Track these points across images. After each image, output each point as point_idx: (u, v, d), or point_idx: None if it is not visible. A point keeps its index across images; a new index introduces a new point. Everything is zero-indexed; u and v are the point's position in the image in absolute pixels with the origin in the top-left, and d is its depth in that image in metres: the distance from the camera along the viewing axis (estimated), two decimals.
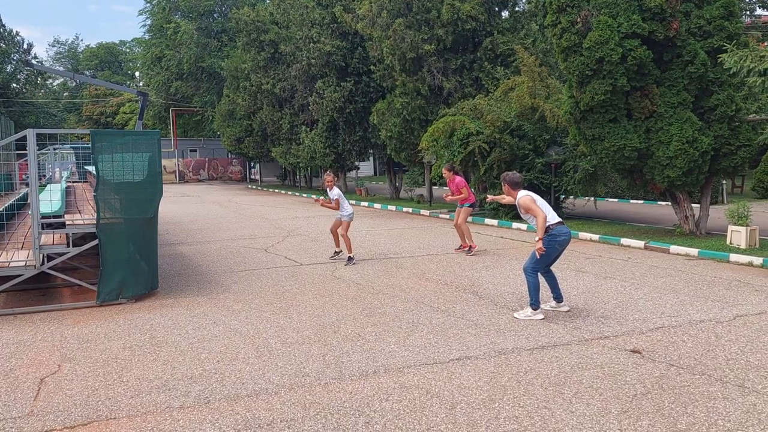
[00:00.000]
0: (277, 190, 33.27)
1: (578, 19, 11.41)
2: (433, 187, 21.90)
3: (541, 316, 6.44)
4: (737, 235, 10.73)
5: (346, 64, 22.68)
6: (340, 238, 10.34)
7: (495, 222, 15.22)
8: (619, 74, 11.21)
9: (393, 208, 20.18)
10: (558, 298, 6.78)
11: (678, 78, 11.57)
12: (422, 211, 18.48)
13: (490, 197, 8.08)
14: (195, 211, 20.36)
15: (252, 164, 45.38)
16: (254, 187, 37.97)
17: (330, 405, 4.32)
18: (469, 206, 10.92)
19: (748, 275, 8.60)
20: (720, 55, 9.82)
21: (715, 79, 11.61)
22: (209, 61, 39.88)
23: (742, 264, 9.48)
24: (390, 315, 6.71)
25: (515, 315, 6.57)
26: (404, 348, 5.54)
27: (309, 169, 30.75)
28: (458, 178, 11.03)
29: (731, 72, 9.64)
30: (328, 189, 10.55)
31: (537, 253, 6.40)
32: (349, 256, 10.01)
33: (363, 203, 22.38)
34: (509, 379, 4.72)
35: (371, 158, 39.45)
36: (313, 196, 26.24)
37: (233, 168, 47.54)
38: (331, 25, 22.84)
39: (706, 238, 11.68)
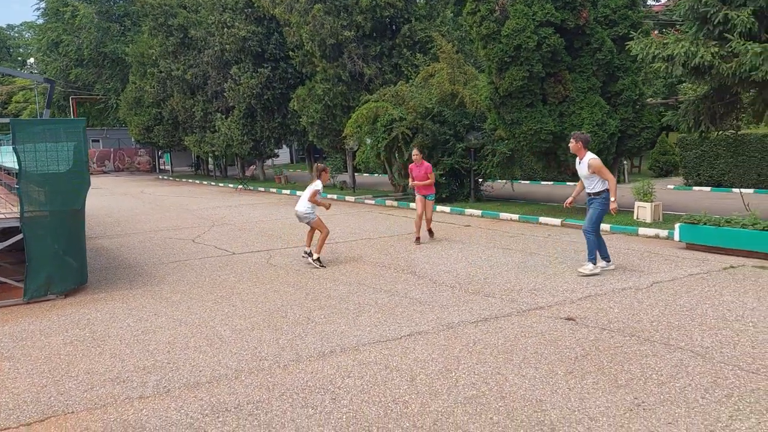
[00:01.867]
0: (191, 180, 32.30)
1: (496, 8, 11.87)
2: (356, 173, 22.02)
3: (599, 271, 7.52)
4: (643, 211, 11.60)
5: (262, 49, 22.33)
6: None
7: (447, 209, 15.55)
8: (535, 61, 11.79)
9: None
10: (607, 258, 7.74)
11: (588, 64, 12.32)
12: (347, 198, 18.60)
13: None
14: (107, 203, 19.47)
15: (160, 154, 43.73)
16: (165, 177, 36.65)
17: (294, 385, 4.41)
18: (433, 199, 10.46)
19: (657, 246, 9.37)
20: (627, 43, 10.53)
21: (621, 65, 12.46)
22: (112, 47, 37.92)
23: (650, 237, 10.29)
24: (335, 298, 6.83)
25: (580, 270, 7.55)
26: (355, 328, 5.69)
27: (224, 157, 30.05)
28: (427, 164, 10.42)
29: (638, 58, 10.35)
30: (318, 181, 8.88)
31: (612, 211, 7.63)
32: (317, 257, 8.70)
33: (285, 191, 22.21)
34: (461, 350, 4.98)
35: (288, 146, 39.05)
36: (240, 185, 25.76)
37: (141, 158, 45.58)
38: (246, 10, 22.39)
39: (615, 214, 12.52)
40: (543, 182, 22.17)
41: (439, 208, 14.92)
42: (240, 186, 25.50)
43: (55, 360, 5.11)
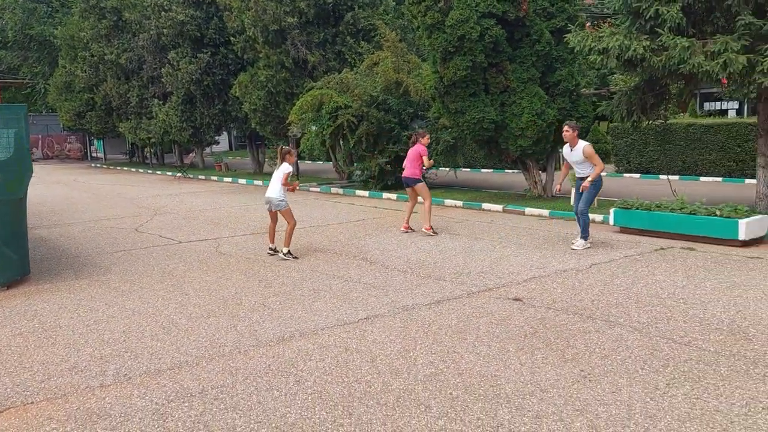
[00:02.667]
0: (125, 168, 31.33)
1: None
2: (301, 161, 21.93)
3: (589, 245, 8.38)
4: None
5: (201, 34, 21.82)
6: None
7: (366, 193, 15.73)
8: (478, 51, 12.07)
9: (260, 182, 19.99)
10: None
11: (527, 55, 12.71)
12: None
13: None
14: (39, 192, 18.69)
15: (91, 141, 42.11)
16: (98, 165, 35.39)
17: (256, 369, 4.49)
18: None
19: (593, 230, 9.83)
20: (565, 36, 10.94)
21: (558, 56, 12.91)
22: (39, 29, 36.06)
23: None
24: (289, 285, 6.90)
25: (573, 247, 8.31)
26: (312, 313, 5.80)
27: (161, 145, 29.25)
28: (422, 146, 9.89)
29: (575, 51, 10.79)
30: (285, 164, 8.39)
31: (582, 190, 8.27)
32: (288, 251, 8.30)
33: (226, 179, 21.90)
34: (417, 331, 5.18)
35: (227, 133, 38.37)
36: (179, 173, 25.15)
37: (71, 145, 43.79)
38: None
39: (552, 200, 13.06)
40: (483, 170, 22.71)
41: (385, 195, 15.11)
42: (179, 174, 24.93)
43: (6, 352, 5.00)
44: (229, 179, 21.73)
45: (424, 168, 10.15)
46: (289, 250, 8.31)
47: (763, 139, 10.29)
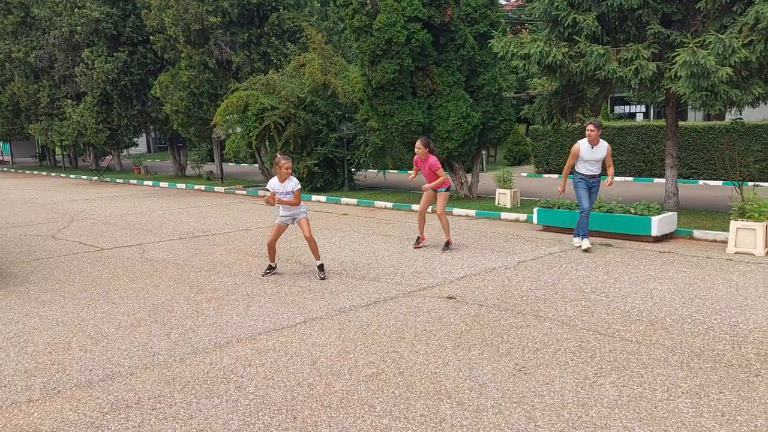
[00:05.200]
0: (35, 172, 29.66)
1: (368, 1, 12.16)
2: (225, 163, 21.49)
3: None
4: (504, 197, 12.56)
5: (118, 32, 20.98)
6: (306, 243, 7.61)
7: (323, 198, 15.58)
8: (405, 55, 12.25)
9: (183, 186, 19.45)
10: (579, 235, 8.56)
11: (452, 60, 13.01)
12: (216, 188, 18.14)
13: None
14: None
15: None
16: (5, 169, 33.30)
17: (194, 377, 4.40)
18: (446, 190, 8.79)
19: (518, 229, 10.23)
20: (489, 41, 11.29)
21: (482, 61, 13.29)
22: None
23: (511, 220, 11.19)
24: (222, 290, 6.78)
25: (582, 246, 8.33)
26: (248, 318, 5.73)
27: (74, 147, 27.85)
28: (432, 158, 8.57)
29: (499, 56, 11.15)
30: (279, 177, 7.21)
31: (609, 184, 8.40)
32: (320, 264, 7.26)
33: (147, 182, 21.15)
34: (356, 333, 5.22)
35: (145, 135, 37.02)
36: (95, 177, 24.01)
37: None
38: None
39: (478, 200, 13.44)
40: (410, 171, 23.03)
41: (314, 197, 15.06)
42: (95, 177, 23.86)
43: None
44: (150, 182, 20.99)
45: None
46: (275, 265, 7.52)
47: (671, 140, 11.00)
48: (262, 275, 7.37)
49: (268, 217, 12.39)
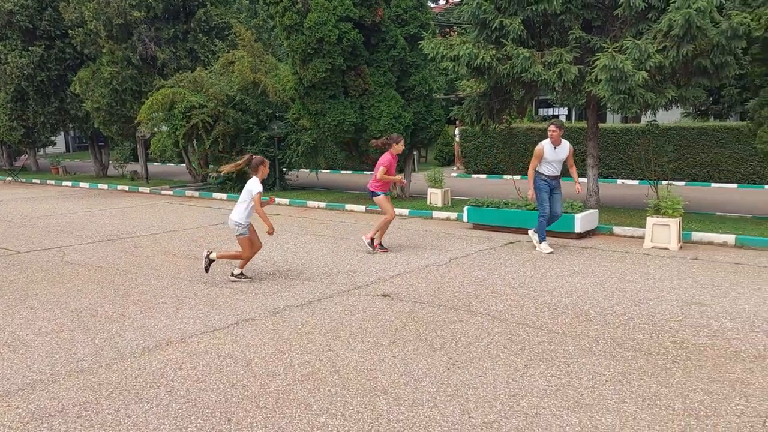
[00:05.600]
0: None
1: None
2: (150, 163, 20.78)
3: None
4: (435, 196, 12.76)
5: (33, 26, 19.85)
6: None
7: (224, 196, 15.30)
8: (336, 54, 12.24)
9: (105, 186, 18.68)
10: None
11: (384, 60, 13.10)
12: (141, 189, 17.52)
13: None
14: None
15: None
16: None
17: (122, 383, 4.24)
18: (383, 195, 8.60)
19: (449, 228, 10.42)
20: (420, 42, 11.44)
21: (413, 62, 13.44)
22: None
23: (442, 219, 11.38)
24: (149, 293, 6.56)
25: (543, 249, 8.19)
26: (178, 321, 5.57)
27: None
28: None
29: (429, 57, 11.32)
30: (256, 179, 6.93)
31: (579, 191, 8.66)
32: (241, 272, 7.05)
33: (66, 183, 20.17)
34: (290, 333, 5.17)
35: (64, 133, 35.28)
36: (9, 177, 22.66)
37: None
38: None
39: (411, 200, 13.59)
40: (343, 171, 23.01)
41: None
42: (9, 178, 22.55)
43: None
44: (69, 183, 20.03)
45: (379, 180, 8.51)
46: (241, 272, 7.02)
47: (592, 141, 11.50)
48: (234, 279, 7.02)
49: (197, 218, 12.09)
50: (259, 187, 6.84)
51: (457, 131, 22.33)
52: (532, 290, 6.36)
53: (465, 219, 10.46)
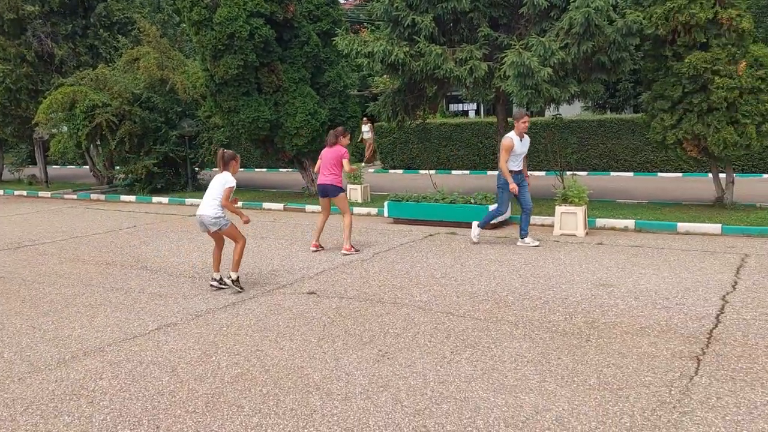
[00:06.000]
0: None
1: None
2: (50, 166, 19.60)
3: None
4: (355, 192, 12.85)
5: None
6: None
7: (133, 198, 14.68)
8: (248, 50, 12.03)
9: (0, 192, 17.44)
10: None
11: (297, 56, 13.01)
12: (41, 194, 16.50)
13: None
14: None
15: None
16: None
17: (38, 397, 4.02)
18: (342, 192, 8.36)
19: (370, 223, 10.53)
20: (333, 38, 11.46)
21: (326, 58, 13.44)
22: None
23: (363, 215, 11.48)
24: (60, 302, 6.23)
25: (528, 242, 8.12)
26: (94, 330, 5.33)
27: None
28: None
29: (343, 53, 11.35)
30: (228, 173, 6.43)
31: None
32: (237, 278, 6.48)
33: None
34: (216, 335, 5.08)
35: None
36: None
37: None
38: None
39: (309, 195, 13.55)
40: (258, 169, 22.64)
41: (155, 199, 14.28)
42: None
43: None
44: None
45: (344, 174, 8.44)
46: (237, 278, 6.42)
47: (501, 136, 11.92)
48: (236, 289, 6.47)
49: (105, 222, 11.55)
50: (233, 182, 6.34)
51: (365, 128, 22.50)
52: (454, 280, 6.56)
53: (386, 214, 10.60)
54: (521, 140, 8.20)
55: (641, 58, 10.44)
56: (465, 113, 29.42)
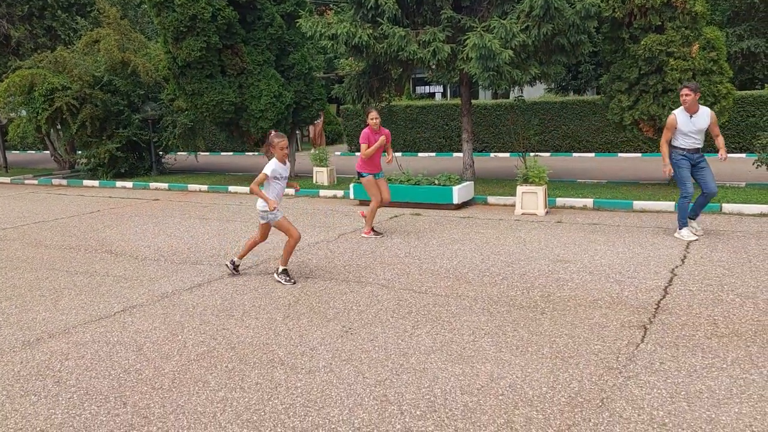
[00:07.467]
0: None
1: None
2: (9, 151, 19.12)
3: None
4: (321, 175, 12.90)
5: None
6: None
7: (96, 183, 14.48)
8: (211, 32, 11.92)
9: None
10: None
11: (261, 38, 12.93)
12: (0, 179, 16.13)
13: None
14: None
15: None
16: None
17: (3, 378, 4.05)
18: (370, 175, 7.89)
19: (336, 205, 10.62)
20: (297, 20, 11.42)
21: (291, 40, 13.39)
22: None
23: (329, 197, 11.56)
24: (23, 287, 6.20)
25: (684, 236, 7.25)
26: (59, 313, 5.35)
27: None
28: (385, 130, 7.81)
29: (307, 35, 11.34)
30: (279, 159, 6.00)
31: (724, 159, 7.04)
32: (284, 269, 6.10)
33: None
34: (182, 316, 5.15)
35: None
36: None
37: None
38: None
39: (296, 179, 13.60)
40: (224, 153, 22.46)
41: (119, 183, 14.13)
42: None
43: None
44: None
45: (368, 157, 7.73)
46: (285, 269, 6.07)
47: (466, 117, 12.10)
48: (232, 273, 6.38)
49: (68, 207, 11.40)
50: (268, 168, 5.89)
51: None
52: (417, 259, 6.72)
53: (351, 196, 10.70)
54: (690, 117, 6.93)
55: (600, 40, 10.68)
56: (431, 95, 29.55)
